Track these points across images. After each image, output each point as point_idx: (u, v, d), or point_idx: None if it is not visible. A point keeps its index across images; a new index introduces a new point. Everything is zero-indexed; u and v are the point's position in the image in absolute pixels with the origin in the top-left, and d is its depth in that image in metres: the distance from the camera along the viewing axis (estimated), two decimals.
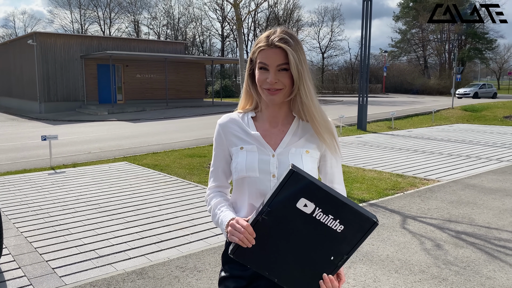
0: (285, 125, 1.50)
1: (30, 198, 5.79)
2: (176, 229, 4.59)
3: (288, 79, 1.39)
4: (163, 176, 7.15)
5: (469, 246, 4.05)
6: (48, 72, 22.60)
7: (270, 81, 1.38)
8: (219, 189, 1.59)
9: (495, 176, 7.02)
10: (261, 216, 1.29)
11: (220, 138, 1.54)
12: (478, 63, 57.08)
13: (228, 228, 1.33)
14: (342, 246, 1.29)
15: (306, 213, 1.28)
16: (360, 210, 1.28)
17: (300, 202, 1.27)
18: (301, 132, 1.48)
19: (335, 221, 1.28)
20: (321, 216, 1.28)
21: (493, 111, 19.90)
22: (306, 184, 1.27)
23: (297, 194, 1.27)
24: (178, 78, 26.73)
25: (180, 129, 14.61)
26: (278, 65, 1.38)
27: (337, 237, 1.29)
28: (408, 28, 51.75)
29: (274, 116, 1.50)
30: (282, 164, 1.43)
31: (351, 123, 14.84)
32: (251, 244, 1.29)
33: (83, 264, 3.70)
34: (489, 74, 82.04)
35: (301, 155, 1.45)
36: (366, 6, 13.58)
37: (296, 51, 1.38)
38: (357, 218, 1.28)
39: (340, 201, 1.28)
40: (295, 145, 1.46)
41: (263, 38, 1.41)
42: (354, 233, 1.28)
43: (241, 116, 1.55)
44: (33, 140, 12.12)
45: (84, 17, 49.44)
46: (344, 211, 1.28)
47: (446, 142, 11.06)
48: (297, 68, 1.37)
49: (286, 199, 1.28)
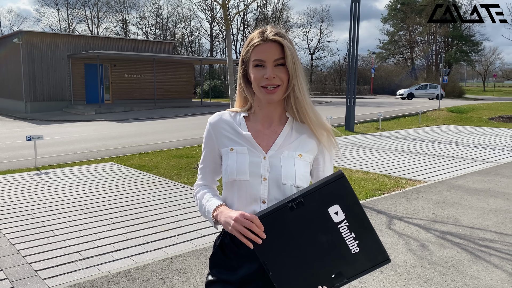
0: (278, 126, 1.46)
1: (13, 199, 5.70)
2: (162, 230, 4.56)
3: (285, 74, 1.37)
4: (150, 177, 7.10)
5: (454, 247, 4.09)
6: (34, 71, 22.30)
7: (269, 76, 1.35)
8: (206, 186, 1.57)
9: (480, 177, 7.11)
10: (292, 204, 1.26)
11: (210, 138, 1.50)
12: (464, 65, 57.86)
13: (232, 222, 1.29)
14: (348, 268, 1.26)
15: (333, 221, 1.25)
16: (381, 241, 1.27)
17: (333, 208, 1.25)
18: (295, 134, 1.44)
19: (354, 241, 1.26)
20: (345, 230, 1.25)
21: (479, 112, 20.17)
22: (348, 192, 1.25)
23: (335, 198, 1.25)
24: (167, 78, 26.59)
25: (168, 130, 14.52)
26: (275, 59, 1.35)
27: (348, 258, 1.26)
28: (396, 30, 52.26)
29: (268, 116, 1.46)
30: (273, 167, 1.39)
31: (339, 124, 14.91)
32: (260, 240, 1.25)
33: (67, 266, 3.65)
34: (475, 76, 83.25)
35: (294, 159, 1.41)
36: (354, 8, 13.66)
37: (291, 45, 1.37)
38: (375, 248, 1.26)
39: (369, 224, 1.26)
40: (287, 147, 1.42)
41: (257, 35, 1.38)
42: (365, 261, 1.26)
43: (233, 115, 1.51)
44: (18, 140, 11.94)
45: (71, 16, 48.94)
46: (368, 235, 1.26)
47: (432, 143, 11.18)
48: (293, 62, 1.35)
49: (322, 198, 1.25)
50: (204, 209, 1.47)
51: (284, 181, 1.38)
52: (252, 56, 1.39)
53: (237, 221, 1.28)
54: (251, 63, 1.39)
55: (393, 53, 53.52)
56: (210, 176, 1.56)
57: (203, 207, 1.48)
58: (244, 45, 1.43)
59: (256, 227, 1.26)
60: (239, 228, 1.27)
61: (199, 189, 1.56)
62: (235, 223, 1.28)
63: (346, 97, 14.25)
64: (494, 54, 67.32)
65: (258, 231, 1.26)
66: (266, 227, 1.27)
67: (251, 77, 1.40)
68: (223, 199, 1.49)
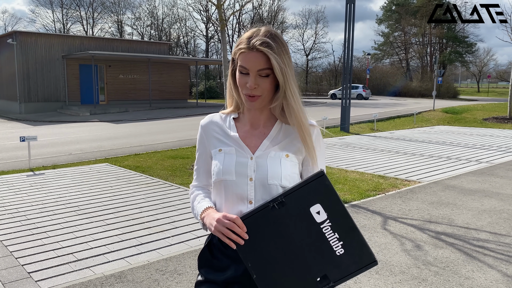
0: (267, 128, 1.45)
1: (6, 201, 5.65)
2: (157, 231, 4.53)
3: (269, 85, 1.34)
4: (145, 178, 7.07)
5: (449, 247, 4.10)
6: (29, 72, 22.20)
7: (250, 86, 1.33)
8: (201, 187, 1.57)
9: (474, 177, 7.14)
10: (273, 204, 1.24)
11: (202, 140, 1.53)
12: (459, 66, 58.18)
13: (214, 223, 1.30)
14: (333, 270, 1.23)
15: (315, 221, 1.23)
16: (366, 242, 1.24)
17: (315, 207, 1.23)
18: (283, 135, 1.43)
19: (338, 242, 1.22)
20: (328, 230, 1.22)
21: (473, 113, 20.27)
22: (329, 191, 1.23)
23: (316, 197, 1.23)
24: (162, 79, 26.54)
25: (163, 130, 14.48)
26: (258, 70, 1.32)
27: (333, 260, 1.23)
28: (391, 31, 52.50)
29: (255, 118, 1.46)
30: (260, 167, 1.39)
31: (334, 124, 14.94)
32: (242, 241, 1.25)
33: (60, 268, 3.62)
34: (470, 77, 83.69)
35: (280, 159, 1.40)
36: (349, 9, 13.69)
37: (280, 54, 1.32)
38: (360, 249, 1.23)
39: (353, 223, 1.23)
40: (275, 148, 1.41)
41: (245, 40, 1.34)
42: (350, 263, 1.22)
43: (223, 117, 1.52)
44: (12, 141, 11.86)
45: (66, 17, 48.74)
46: (352, 235, 1.23)
47: (427, 144, 11.22)
48: (281, 72, 1.31)
49: (303, 198, 1.23)
50: (195, 211, 1.49)
51: (270, 181, 1.37)
52: (238, 60, 1.37)
53: (219, 222, 1.29)
54: (238, 66, 1.38)
55: (388, 54, 53.76)
56: (204, 178, 1.56)
57: (194, 210, 1.50)
58: (235, 44, 1.41)
59: (238, 227, 1.26)
60: (221, 229, 1.28)
61: (193, 190, 1.58)
62: (217, 224, 1.29)
63: (341, 98, 14.27)
64: (488, 55, 67.82)
65: (240, 231, 1.26)
66: (248, 228, 1.26)
67: (237, 81, 1.40)
68: (213, 200, 1.50)
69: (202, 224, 1.44)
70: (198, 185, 1.57)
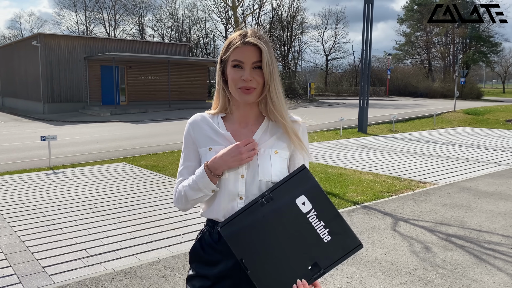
0: (255, 125, 1.51)
1: (26, 198, 5.85)
2: (168, 229, 4.62)
3: (261, 78, 1.41)
4: (160, 177, 7.19)
5: (458, 249, 4.05)
6: (52, 73, 22.76)
7: (246, 78, 1.39)
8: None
9: (491, 180, 7.01)
10: (261, 199, 1.33)
11: (189, 138, 1.54)
12: (483, 67, 56.86)
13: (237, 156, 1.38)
14: (322, 258, 1.30)
15: (301, 211, 1.32)
16: (350, 227, 1.33)
17: (300, 199, 1.32)
18: (271, 132, 1.49)
19: (324, 230, 1.31)
20: (314, 219, 1.31)
21: (496, 114, 19.82)
22: (312, 183, 1.34)
23: (300, 189, 1.33)
24: (181, 80, 26.81)
25: (181, 131, 14.62)
26: (253, 62, 1.40)
27: (321, 247, 1.30)
28: (413, 31, 51.63)
29: (244, 116, 1.51)
30: (251, 164, 1.43)
31: (351, 125, 14.85)
32: None
33: (73, 263, 3.74)
34: (495, 78, 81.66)
35: (270, 156, 1.45)
36: (367, 9, 13.59)
37: (269, 50, 1.41)
38: (345, 234, 1.32)
39: (336, 211, 1.33)
40: (263, 145, 1.46)
41: (237, 37, 1.43)
42: (338, 248, 1.30)
43: (211, 116, 1.56)
44: (35, 140, 12.21)
45: (89, 19, 49.73)
46: (336, 222, 1.32)
47: (446, 145, 11.04)
48: (269, 67, 1.39)
49: (289, 191, 1.33)
50: (187, 185, 1.45)
51: (261, 177, 1.42)
52: (231, 56, 1.43)
53: (242, 152, 1.40)
54: (229, 63, 1.44)
55: (410, 54, 52.88)
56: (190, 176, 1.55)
57: (186, 185, 1.46)
58: (224, 45, 1.48)
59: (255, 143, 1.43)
60: (250, 154, 1.41)
61: (177, 184, 1.54)
62: (243, 153, 1.40)
63: (359, 99, 14.18)
64: None
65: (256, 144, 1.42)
66: (240, 225, 1.32)
67: (229, 77, 1.45)
68: None
69: (206, 177, 1.40)
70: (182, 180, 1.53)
